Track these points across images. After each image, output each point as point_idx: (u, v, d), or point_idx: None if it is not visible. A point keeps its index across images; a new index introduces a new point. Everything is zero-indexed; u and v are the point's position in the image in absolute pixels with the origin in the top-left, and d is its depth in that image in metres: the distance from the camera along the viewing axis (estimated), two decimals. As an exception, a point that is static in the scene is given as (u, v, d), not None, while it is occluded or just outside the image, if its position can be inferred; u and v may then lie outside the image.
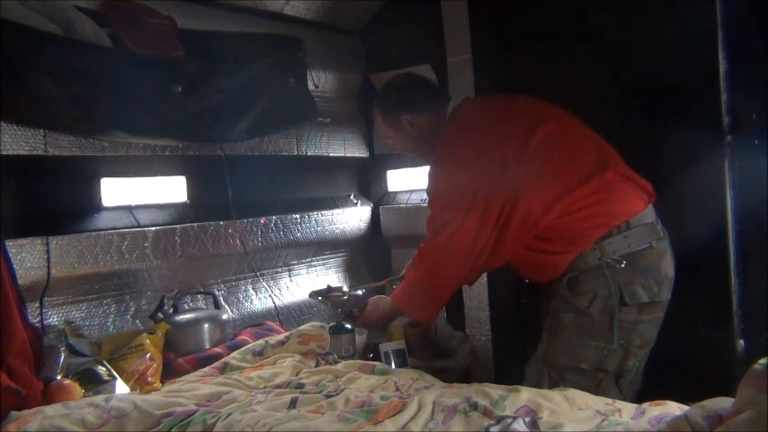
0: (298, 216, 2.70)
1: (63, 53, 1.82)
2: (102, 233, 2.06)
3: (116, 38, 2.01)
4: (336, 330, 2.09)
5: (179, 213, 2.33)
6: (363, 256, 3.11)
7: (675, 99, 2.12)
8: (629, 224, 1.75)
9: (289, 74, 2.50)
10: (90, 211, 2.09)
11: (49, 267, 1.91)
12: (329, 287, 2.32)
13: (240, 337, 2.17)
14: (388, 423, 1.33)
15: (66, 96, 1.82)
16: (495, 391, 1.44)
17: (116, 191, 2.17)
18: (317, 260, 2.88)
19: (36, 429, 1.40)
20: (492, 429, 1.25)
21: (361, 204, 3.06)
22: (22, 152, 1.87)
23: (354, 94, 3.06)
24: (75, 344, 1.87)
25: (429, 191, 1.93)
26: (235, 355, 2.00)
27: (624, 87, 2.24)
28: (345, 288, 2.32)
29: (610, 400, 1.43)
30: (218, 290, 2.44)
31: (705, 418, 1.07)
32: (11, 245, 1.79)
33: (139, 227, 2.16)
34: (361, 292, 2.29)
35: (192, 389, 1.71)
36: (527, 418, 1.28)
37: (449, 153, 1.88)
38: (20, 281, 1.73)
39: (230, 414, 1.44)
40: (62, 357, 1.73)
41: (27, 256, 1.87)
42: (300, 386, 1.70)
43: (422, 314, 2.00)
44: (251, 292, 2.59)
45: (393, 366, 2.10)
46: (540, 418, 1.31)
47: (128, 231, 2.12)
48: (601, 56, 2.27)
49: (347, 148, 2.99)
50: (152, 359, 1.87)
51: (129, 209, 2.20)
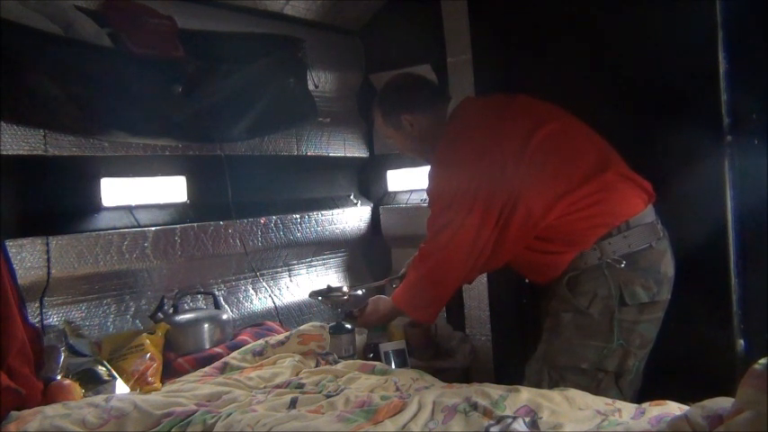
0: (298, 216, 2.70)
1: (63, 53, 1.82)
2: (102, 233, 2.06)
3: (116, 38, 2.01)
4: (336, 330, 2.09)
5: (179, 213, 2.33)
6: (363, 256, 3.11)
7: (675, 99, 2.11)
8: (628, 224, 1.75)
9: (289, 74, 2.50)
10: (90, 211, 2.09)
11: (49, 267, 1.91)
12: (329, 287, 2.32)
13: (240, 337, 2.17)
14: (388, 423, 1.33)
15: (66, 96, 1.82)
16: (495, 391, 1.44)
17: (116, 191, 2.17)
18: (317, 260, 2.88)
19: (36, 429, 1.40)
20: (492, 429, 1.25)
21: (361, 204, 3.06)
22: (22, 152, 1.87)
23: (354, 94, 3.06)
24: (75, 344, 1.87)
25: (429, 191, 1.93)
26: (235, 355, 2.00)
27: (624, 87, 2.24)
28: (345, 288, 2.32)
29: (610, 400, 1.43)
30: (218, 290, 2.44)
31: (705, 418, 1.07)
32: (11, 245, 1.79)
33: (139, 227, 2.16)
34: (361, 292, 2.29)
35: (192, 389, 1.71)
36: (527, 418, 1.28)
37: (449, 153, 1.88)
38: (20, 281, 1.73)
39: (230, 414, 1.43)
40: (62, 357, 1.73)
41: (27, 256, 1.87)
42: (300, 386, 1.70)
43: (422, 314, 2.00)
44: (251, 292, 2.59)
45: (393, 366, 2.10)
46: (540, 418, 1.31)
47: (128, 231, 2.12)
48: (601, 56, 2.27)
49: (347, 148, 2.99)
50: (152, 359, 1.87)
51: (129, 209, 2.20)
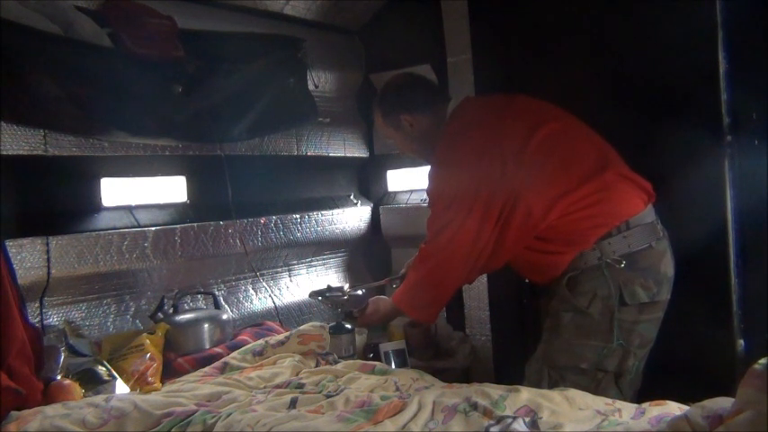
0: (298, 216, 2.70)
1: (63, 53, 1.83)
2: (102, 233, 2.06)
3: (116, 38, 2.00)
4: (336, 330, 2.09)
5: (179, 213, 2.33)
6: (363, 256, 3.11)
7: (675, 99, 2.11)
8: (628, 224, 1.75)
9: (289, 74, 2.51)
10: (90, 211, 2.09)
11: (49, 267, 1.91)
12: (329, 287, 2.32)
13: (240, 337, 2.17)
14: (388, 423, 1.33)
15: (67, 96, 1.82)
16: (495, 391, 1.44)
17: (116, 191, 2.17)
18: (317, 260, 2.88)
19: (36, 429, 1.40)
20: (492, 429, 1.25)
21: (361, 204, 3.06)
22: (22, 152, 1.87)
23: (354, 94, 3.06)
24: (75, 344, 1.88)
25: (429, 191, 1.93)
26: (235, 355, 2.00)
27: (624, 87, 2.23)
28: (346, 288, 2.32)
29: (610, 400, 1.43)
30: (218, 290, 2.44)
31: (705, 418, 1.07)
32: (11, 245, 1.79)
33: (139, 227, 2.16)
34: (361, 292, 2.29)
35: (192, 389, 1.71)
36: (527, 418, 1.28)
37: (449, 153, 1.88)
38: (20, 281, 1.73)
39: (230, 414, 1.43)
40: (62, 357, 1.73)
41: (27, 256, 1.87)
42: (300, 386, 1.70)
43: (422, 315, 2.00)
44: (251, 292, 2.59)
45: (393, 366, 2.10)
46: (540, 418, 1.31)
47: (128, 231, 2.12)
48: (601, 56, 2.27)
49: (347, 148, 2.99)
50: (152, 359, 1.87)
51: (129, 209, 2.20)
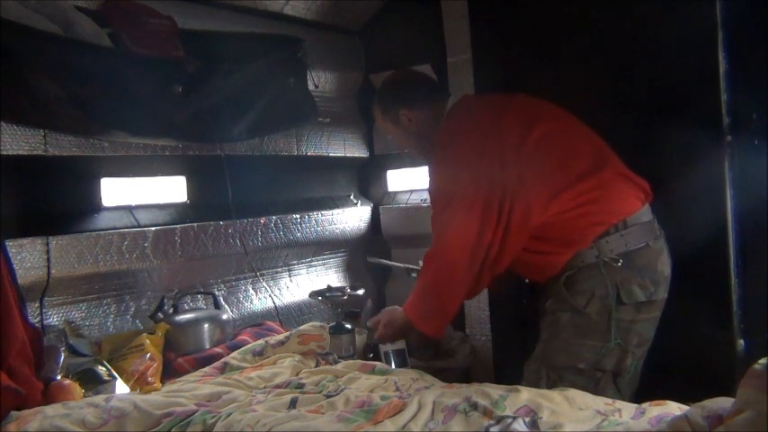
0: (298, 216, 2.70)
1: (63, 53, 1.82)
2: (102, 233, 2.06)
3: (116, 38, 2.01)
4: (336, 330, 2.09)
5: (179, 213, 2.33)
6: (363, 256, 3.10)
7: (675, 99, 2.11)
8: (626, 223, 1.75)
9: (289, 74, 2.51)
10: (90, 211, 2.09)
11: (49, 267, 1.91)
12: (329, 287, 2.32)
13: (240, 337, 2.17)
14: (388, 423, 1.33)
15: (67, 96, 1.82)
16: (495, 391, 1.43)
17: (116, 191, 2.17)
18: (317, 260, 2.88)
19: (36, 429, 1.40)
20: (492, 429, 1.25)
21: (361, 204, 3.06)
22: (22, 152, 1.87)
23: (354, 94, 3.06)
24: (75, 344, 1.88)
25: (430, 190, 1.93)
26: (235, 355, 2.00)
27: (624, 87, 2.23)
28: (346, 288, 2.32)
29: (610, 400, 1.42)
30: (218, 290, 2.44)
31: (705, 418, 1.07)
32: (11, 245, 1.79)
33: (139, 227, 2.16)
34: (361, 292, 2.29)
35: (192, 389, 1.71)
36: (527, 418, 1.28)
37: (448, 151, 1.87)
38: (20, 281, 1.74)
39: (230, 414, 1.43)
40: (62, 357, 1.73)
41: (27, 256, 1.87)
42: (300, 386, 1.70)
43: (431, 328, 1.91)
44: (251, 292, 2.59)
45: (393, 366, 2.10)
46: (540, 418, 1.31)
47: (128, 231, 2.12)
48: (601, 56, 2.27)
49: (347, 148, 2.99)
50: (152, 359, 1.87)
51: (129, 209, 2.20)
